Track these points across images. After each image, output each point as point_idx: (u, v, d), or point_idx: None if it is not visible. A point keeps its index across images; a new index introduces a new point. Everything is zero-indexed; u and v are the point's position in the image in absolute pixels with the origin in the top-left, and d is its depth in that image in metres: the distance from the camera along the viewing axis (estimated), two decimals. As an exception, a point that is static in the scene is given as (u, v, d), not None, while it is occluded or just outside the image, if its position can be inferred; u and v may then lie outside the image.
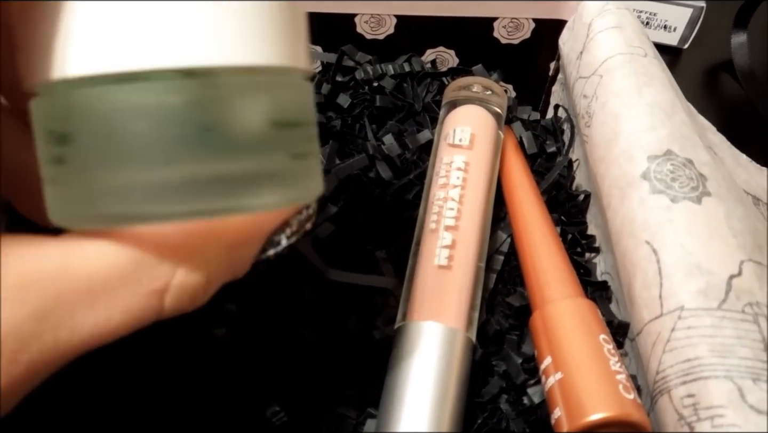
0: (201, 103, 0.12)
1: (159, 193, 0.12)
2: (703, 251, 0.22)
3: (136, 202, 0.12)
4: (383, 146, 0.30)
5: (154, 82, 0.12)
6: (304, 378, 0.23)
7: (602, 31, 0.29)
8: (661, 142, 0.25)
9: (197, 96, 0.12)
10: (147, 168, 0.12)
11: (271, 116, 0.13)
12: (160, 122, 0.12)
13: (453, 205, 0.25)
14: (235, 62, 0.12)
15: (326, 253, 0.26)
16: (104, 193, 0.12)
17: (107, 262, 0.12)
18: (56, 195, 0.13)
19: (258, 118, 0.13)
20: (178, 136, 0.12)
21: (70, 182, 0.12)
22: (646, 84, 0.27)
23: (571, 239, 0.29)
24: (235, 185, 0.13)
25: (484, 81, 0.30)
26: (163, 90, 0.12)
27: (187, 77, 0.12)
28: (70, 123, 0.12)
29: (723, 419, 0.18)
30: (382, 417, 0.21)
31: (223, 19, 0.12)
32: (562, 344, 0.22)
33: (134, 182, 0.12)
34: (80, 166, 0.12)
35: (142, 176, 0.12)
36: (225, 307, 0.24)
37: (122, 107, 0.12)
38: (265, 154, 0.13)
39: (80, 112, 0.12)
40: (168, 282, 0.13)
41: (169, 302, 0.13)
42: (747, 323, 0.20)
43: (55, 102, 0.12)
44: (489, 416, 0.23)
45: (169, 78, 0.12)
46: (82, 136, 0.12)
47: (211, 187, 0.12)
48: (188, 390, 0.22)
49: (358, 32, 0.33)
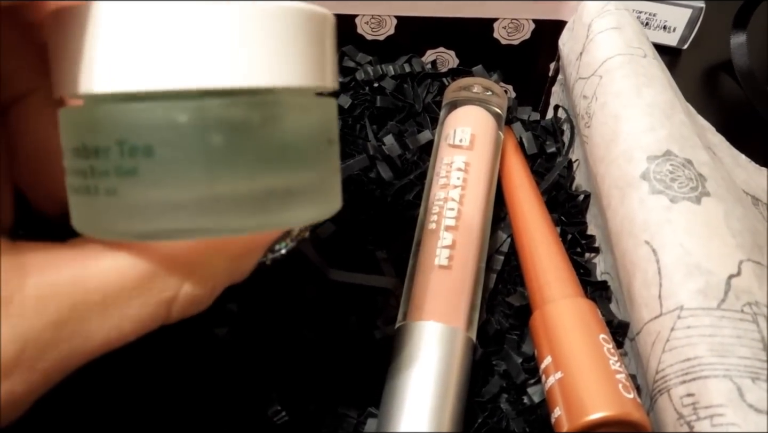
0: (266, 120, 0.13)
1: (205, 209, 0.12)
2: (703, 250, 0.22)
3: (182, 218, 0.12)
4: (384, 147, 0.30)
5: (221, 99, 0.12)
6: (304, 378, 0.23)
7: (602, 31, 0.29)
8: (660, 143, 0.25)
9: (263, 114, 0.13)
10: (200, 184, 0.12)
11: (326, 134, 0.14)
12: (227, 138, 0.12)
13: (453, 206, 0.25)
14: (293, 84, 0.13)
15: (327, 253, 0.26)
16: (150, 210, 0.12)
17: (122, 274, 0.13)
18: (85, 206, 0.13)
19: (317, 136, 0.14)
20: (242, 152, 0.12)
21: (108, 196, 0.12)
22: (645, 85, 0.27)
23: (571, 239, 0.29)
24: (280, 201, 0.13)
25: (484, 82, 0.31)
26: (228, 106, 0.12)
27: (251, 96, 0.13)
28: (117, 136, 0.12)
29: (722, 418, 0.18)
30: (382, 417, 0.21)
31: (283, 43, 0.13)
32: (562, 344, 0.22)
33: (184, 199, 0.12)
34: (127, 182, 0.12)
35: (192, 192, 0.12)
36: (226, 307, 0.24)
37: (187, 122, 0.12)
38: (317, 169, 0.14)
39: (131, 126, 0.12)
40: (177, 293, 0.14)
41: (175, 311, 0.14)
42: (746, 322, 0.20)
43: (95, 114, 0.12)
44: (489, 416, 0.23)
45: (236, 95, 0.12)
46: (128, 150, 0.12)
47: (256, 203, 0.13)
48: (189, 389, 0.22)
49: (359, 33, 0.33)
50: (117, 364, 0.21)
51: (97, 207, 0.13)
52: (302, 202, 0.14)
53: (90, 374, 0.21)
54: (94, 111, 0.13)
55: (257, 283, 0.25)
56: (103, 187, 0.12)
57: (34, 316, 0.12)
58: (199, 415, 0.22)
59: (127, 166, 0.12)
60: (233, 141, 0.12)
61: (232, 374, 0.23)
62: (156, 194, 0.12)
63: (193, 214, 0.12)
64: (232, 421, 0.22)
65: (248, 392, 0.22)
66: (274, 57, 0.12)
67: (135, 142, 0.12)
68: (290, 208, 0.13)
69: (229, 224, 0.13)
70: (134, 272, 0.13)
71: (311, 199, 0.14)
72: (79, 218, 0.13)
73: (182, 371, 0.22)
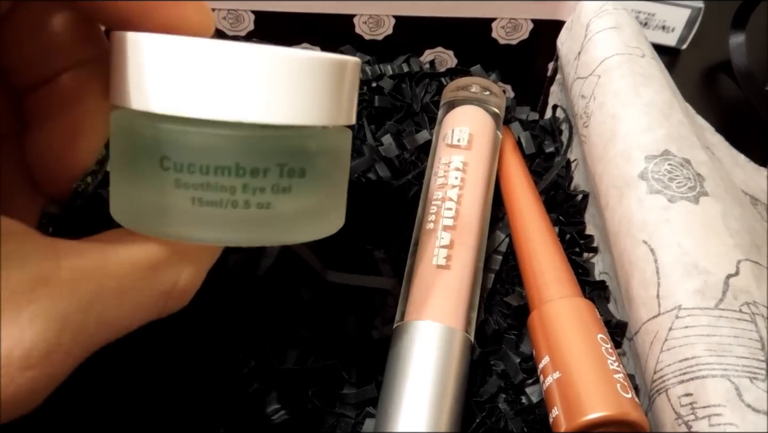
0: (290, 149, 0.15)
1: (230, 224, 0.14)
2: (701, 250, 0.22)
3: (207, 229, 0.14)
4: (382, 147, 0.30)
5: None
6: (302, 377, 0.23)
7: (600, 31, 0.29)
8: (658, 143, 0.25)
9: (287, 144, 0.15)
10: (227, 197, 0.14)
11: (343, 165, 0.17)
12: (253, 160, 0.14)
13: (451, 206, 0.25)
14: (318, 122, 0.15)
15: (325, 252, 0.26)
16: (181, 215, 0.14)
17: (136, 264, 0.14)
18: (127, 197, 0.15)
19: (332, 165, 0.16)
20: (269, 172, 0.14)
21: (153, 193, 0.14)
22: (643, 84, 0.27)
23: (569, 238, 0.29)
24: (296, 221, 0.15)
25: (483, 81, 0.31)
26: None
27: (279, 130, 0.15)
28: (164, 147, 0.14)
29: (720, 418, 0.18)
30: (380, 416, 0.21)
31: (307, 87, 0.15)
32: (560, 344, 0.22)
33: (215, 212, 0.14)
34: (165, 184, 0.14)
35: (221, 203, 0.14)
36: (226, 307, 0.24)
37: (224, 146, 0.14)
38: (331, 193, 0.16)
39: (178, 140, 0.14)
40: (174, 286, 0.15)
41: (170, 304, 0.15)
42: (744, 322, 0.20)
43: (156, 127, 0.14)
44: (487, 416, 0.23)
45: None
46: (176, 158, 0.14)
47: (273, 221, 0.15)
48: (190, 389, 0.22)
49: (357, 33, 0.33)
50: (118, 365, 0.21)
51: (127, 197, 0.15)
52: (313, 221, 0.16)
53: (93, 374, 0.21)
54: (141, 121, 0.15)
55: (255, 284, 0.25)
56: (124, 177, 0.15)
57: (68, 297, 0.12)
58: (199, 414, 0.22)
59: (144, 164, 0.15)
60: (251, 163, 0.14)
61: (232, 373, 0.22)
62: (170, 197, 0.14)
63: (213, 228, 0.14)
64: (232, 419, 0.22)
65: (247, 391, 0.22)
66: (298, 102, 0.15)
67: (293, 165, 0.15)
68: (300, 227, 0.15)
69: (234, 237, 0.15)
70: (145, 264, 0.14)
71: (321, 218, 0.16)
72: (113, 203, 0.15)
73: (183, 370, 0.22)
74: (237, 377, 0.22)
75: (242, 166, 0.14)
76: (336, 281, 0.25)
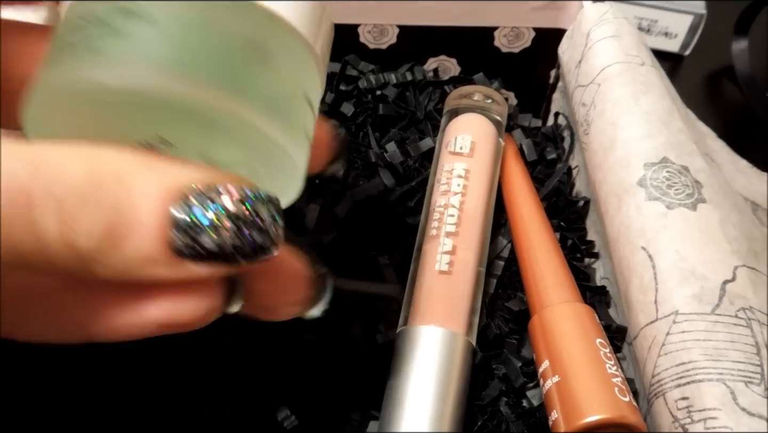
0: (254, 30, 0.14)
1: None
2: (698, 256, 0.22)
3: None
4: (386, 154, 0.31)
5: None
6: (306, 381, 0.23)
7: (600, 40, 0.30)
8: (657, 150, 0.25)
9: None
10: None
11: (303, 87, 0.16)
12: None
13: (454, 212, 0.26)
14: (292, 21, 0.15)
15: (330, 258, 0.26)
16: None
17: (74, 176, 0.12)
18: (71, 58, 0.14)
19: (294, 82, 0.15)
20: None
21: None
22: (643, 92, 0.27)
23: (570, 244, 0.29)
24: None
25: (485, 89, 0.31)
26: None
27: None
28: None
29: (716, 421, 0.19)
30: (383, 420, 0.21)
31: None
32: (560, 348, 0.22)
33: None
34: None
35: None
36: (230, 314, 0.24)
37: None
38: (288, 120, 0.15)
39: None
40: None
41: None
42: (740, 327, 0.20)
43: None
44: (489, 419, 0.23)
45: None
46: None
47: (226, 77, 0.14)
48: (199, 397, 0.22)
49: (361, 42, 0.34)
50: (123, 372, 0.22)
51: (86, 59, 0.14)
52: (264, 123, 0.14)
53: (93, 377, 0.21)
54: None
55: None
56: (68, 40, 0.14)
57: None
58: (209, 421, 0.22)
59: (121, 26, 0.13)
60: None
61: (239, 380, 0.23)
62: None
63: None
64: (239, 425, 0.22)
65: (255, 397, 0.23)
66: None
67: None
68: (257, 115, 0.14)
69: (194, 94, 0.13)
70: (86, 175, 0.12)
71: (272, 153, 0.15)
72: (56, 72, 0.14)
73: (195, 379, 0.23)
74: (246, 384, 0.23)
75: None
76: (341, 287, 0.26)
